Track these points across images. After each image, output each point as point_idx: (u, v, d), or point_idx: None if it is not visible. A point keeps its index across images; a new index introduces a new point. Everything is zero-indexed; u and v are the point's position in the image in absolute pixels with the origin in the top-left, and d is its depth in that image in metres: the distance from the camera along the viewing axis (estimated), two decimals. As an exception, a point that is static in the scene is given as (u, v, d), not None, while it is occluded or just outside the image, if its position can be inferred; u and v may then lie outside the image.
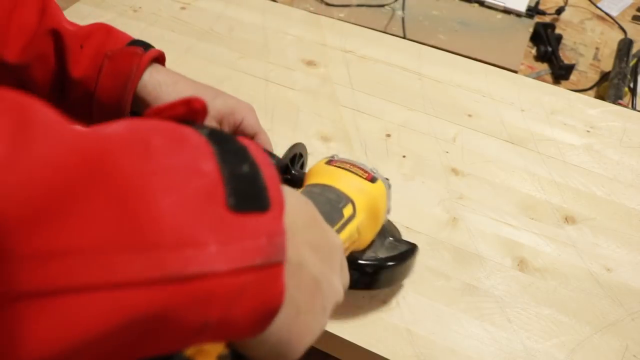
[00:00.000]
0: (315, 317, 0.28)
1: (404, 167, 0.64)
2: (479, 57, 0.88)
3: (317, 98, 0.72)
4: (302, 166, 0.55)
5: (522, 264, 0.56)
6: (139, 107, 0.51)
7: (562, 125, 0.70)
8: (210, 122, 0.51)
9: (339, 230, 0.40)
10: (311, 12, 0.92)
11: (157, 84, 0.51)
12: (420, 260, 0.55)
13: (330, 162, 0.46)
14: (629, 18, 1.05)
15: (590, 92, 0.88)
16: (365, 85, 0.74)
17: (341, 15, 0.98)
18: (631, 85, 0.86)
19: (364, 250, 0.47)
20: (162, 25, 0.82)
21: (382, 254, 0.48)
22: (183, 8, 0.85)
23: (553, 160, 0.66)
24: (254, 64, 0.76)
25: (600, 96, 0.86)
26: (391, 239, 0.49)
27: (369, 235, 0.46)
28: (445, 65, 0.78)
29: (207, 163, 0.21)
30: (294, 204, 0.26)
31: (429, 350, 0.49)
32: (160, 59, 0.54)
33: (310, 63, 0.77)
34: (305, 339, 0.27)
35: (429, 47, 0.83)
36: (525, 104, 0.73)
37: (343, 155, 0.56)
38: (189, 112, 0.26)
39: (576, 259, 0.56)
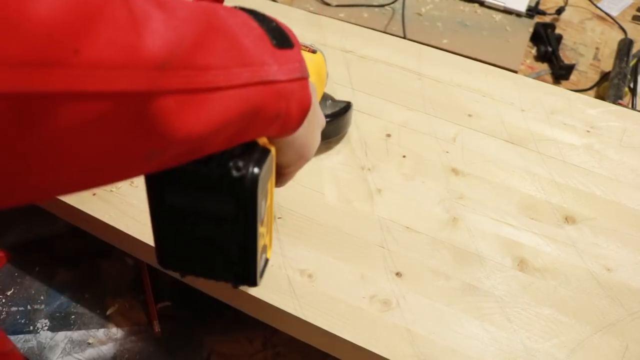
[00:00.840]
0: (316, 132, 0.42)
1: (404, 167, 0.64)
2: (479, 57, 0.88)
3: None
4: None
5: (522, 264, 0.56)
6: None
7: (562, 125, 0.70)
8: None
9: None
10: (311, 12, 0.92)
11: None
12: (420, 260, 0.55)
13: None
14: (629, 18, 1.05)
15: (590, 92, 0.88)
16: (366, 85, 0.74)
17: (341, 15, 0.98)
18: (631, 85, 0.86)
19: None
20: (162, 25, 0.82)
21: (327, 112, 0.62)
22: (183, 8, 0.85)
23: (553, 160, 0.66)
24: (254, 64, 0.76)
25: (600, 96, 0.86)
26: (330, 100, 0.65)
27: (317, 97, 0.56)
28: (446, 65, 0.78)
29: (252, 21, 0.33)
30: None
31: (429, 350, 0.49)
32: None
33: (310, 63, 0.77)
34: (314, 145, 0.42)
35: (429, 47, 0.83)
36: (526, 104, 0.73)
37: (343, 155, 0.56)
38: None
39: (576, 259, 0.56)
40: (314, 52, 0.59)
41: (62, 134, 0.21)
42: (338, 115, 0.63)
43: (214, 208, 0.34)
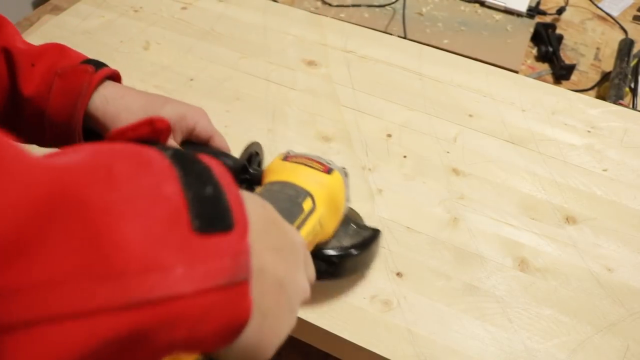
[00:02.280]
0: (282, 318, 0.29)
1: (404, 167, 0.64)
2: (479, 57, 0.88)
3: (318, 98, 0.72)
4: (259, 164, 0.55)
5: (522, 264, 0.56)
6: (91, 124, 0.50)
7: (562, 126, 0.70)
8: None
9: (300, 225, 0.40)
10: (312, 12, 0.92)
11: (104, 99, 0.50)
12: (421, 260, 0.55)
13: (286, 158, 0.47)
14: (630, 18, 1.05)
15: (591, 92, 0.88)
16: (366, 85, 0.74)
17: (342, 15, 0.98)
18: (632, 85, 0.86)
19: (328, 241, 0.47)
20: (162, 25, 0.82)
21: (346, 242, 0.49)
22: (184, 8, 0.85)
23: (554, 160, 0.66)
24: (255, 64, 0.76)
25: (601, 96, 0.86)
26: (354, 226, 0.51)
27: (331, 226, 0.46)
28: (446, 66, 0.78)
29: (171, 186, 0.22)
30: (252, 211, 0.26)
31: (429, 350, 0.49)
32: (114, 76, 0.53)
33: (311, 63, 0.77)
34: (274, 341, 0.28)
35: (430, 47, 0.83)
36: (526, 104, 0.73)
37: (343, 155, 0.55)
38: (153, 132, 0.27)
39: (577, 259, 0.56)
40: (329, 171, 0.46)
41: None
42: (359, 248, 0.50)
43: None
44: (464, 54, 0.87)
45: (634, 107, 0.83)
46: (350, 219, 0.51)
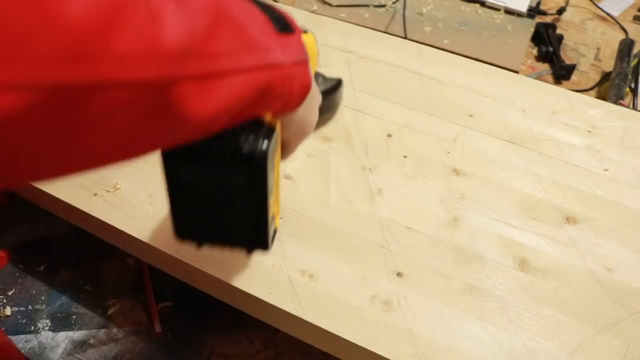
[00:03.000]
0: (314, 109, 0.46)
1: (405, 167, 0.64)
2: (480, 58, 0.88)
3: (318, 98, 0.72)
4: None
5: (523, 264, 0.55)
6: None
7: (563, 126, 0.70)
8: None
9: None
10: (312, 12, 0.92)
11: None
12: (421, 260, 0.55)
13: None
14: (630, 18, 1.05)
15: (591, 92, 0.88)
16: (366, 86, 0.74)
17: (342, 15, 0.98)
18: (632, 85, 0.86)
19: None
20: (163, 25, 0.82)
21: (320, 88, 0.60)
22: (184, 8, 0.85)
23: (554, 160, 0.66)
24: (255, 64, 0.76)
25: (601, 96, 0.86)
26: (321, 78, 0.67)
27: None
28: (446, 66, 0.78)
29: (257, 10, 0.34)
30: None
31: (430, 350, 0.49)
32: None
33: (311, 63, 0.77)
34: (313, 121, 0.46)
35: (430, 48, 0.83)
36: (527, 104, 0.73)
37: (343, 155, 0.56)
38: None
39: (577, 259, 0.56)
40: (304, 32, 0.59)
41: (94, 119, 0.23)
42: (330, 92, 0.66)
43: (228, 181, 0.37)
44: (464, 54, 0.87)
45: (634, 107, 0.83)
46: (319, 73, 0.67)
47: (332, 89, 0.67)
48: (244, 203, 0.38)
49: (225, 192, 0.37)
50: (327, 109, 0.67)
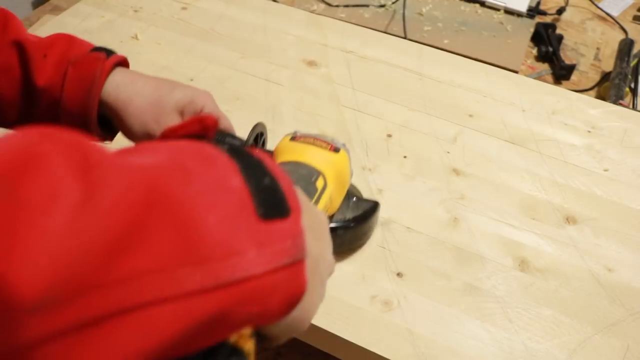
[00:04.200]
0: (317, 293, 0.32)
1: (405, 167, 0.64)
2: (479, 58, 0.88)
3: (318, 98, 0.72)
4: (264, 145, 0.57)
5: (523, 264, 0.55)
6: (103, 110, 0.51)
7: (563, 126, 0.70)
8: (171, 114, 0.52)
9: (315, 203, 0.43)
10: (312, 12, 0.92)
11: (116, 86, 0.51)
12: (421, 261, 0.55)
13: (294, 138, 0.49)
14: (630, 18, 1.05)
15: (591, 92, 0.88)
16: (366, 86, 0.74)
17: (342, 15, 0.98)
18: (632, 85, 0.86)
19: (333, 215, 0.50)
20: (162, 25, 0.82)
21: (349, 215, 0.53)
22: (184, 8, 0.85)
23: (554, 160, 0.66)
24: (255, 64, 0.76)
25: (601, 96, 0.86)
26: (354, 199, 0.54)
27: (338, 201, 0.50)
28: (446, 66, 0.78)
29: (235, 179, 0.25)
30: None
31: (430, 350, 0.49)
32: (124, 63, 0.54)
33: (311, 63, 0.77)
34: (311, 313, 0.31)
35: (430, 48, 0.83)
36: (526, 104, 0.73)
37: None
38: (202, 129, 0.30)
39: (577, 259, 0.56)
40: (336, 150, 0.50)
41: None
42: (361, 220, 0.53)
43: None
44: (464, 54, 0.87)
45: (634, 107, 0.83)
46: (350, 192, 0.54)
47: (364, 215, 0.54)
48: None
49: None
50: (359, 237, 0.55)
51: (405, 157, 0.65)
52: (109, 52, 0.52)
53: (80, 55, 0.51)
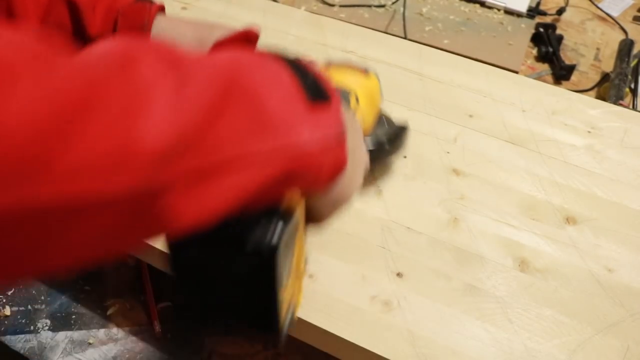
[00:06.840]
0: (355, 174, 0.39)
1: (405, 167, 0.64)
2: (479, 58, 0.88)
3: (318, 98, 0.72)
4: None
5: (523, 265, 0.55)
6: None
7: (563, 126, 0.70)
8: None
9: None
10: (312, 12, 0.92)
11: (161, 30, 0.57)
12: (421, 261, 0.55)
13: (328, 65, 0.54)
14: (630, 18, 1.05)
15: (591, 92, 0.88)
16: (366, 86, 0.74)
17: (342, 15, 0.98)
18: (632, 85, 0.86)
19: (366, 136, 0.54)
20: (163, 25, 0.82)
21: (381, 136, 0.57)
22: (184, 8, 0.85)
23: (554, 160, 0.66)
24: (255, 64, 0.76)
25: (601, 97, 0.86)
26: (384, 120, 0.58)
27: (370, 121, 0.53)
28: (446, 66, 0.78)
29: (285, 73, 0.30)
30: None
31: (429, 350, 0.49)
32: (163, 10, 0.60)
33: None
34: (351, 190, 0.39)
35: (430, 48, 0.83)
36: (526, 104, 0.73)
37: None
38: (247, 39, 0.40)
39: (577, 259, 0.56)
40: (366, 72, 0.54)
41: (60, 233, 0.20)
42: (392, 140, 0.58)
43: (233, 270, 0.32)
44: (464, 54, 0.87)
45: (634, 108, 0.83)
46: (383, 116, 0.58)
47: (394, 137, 0.58)
48: (251, 292, 0.34)
49: (231, 278, 0.33)
50: (387, 158, 0.60)
51: (405, 157, 0.65)
52: (150, 1, 0.59)
53: (127, 6, 0.57)
